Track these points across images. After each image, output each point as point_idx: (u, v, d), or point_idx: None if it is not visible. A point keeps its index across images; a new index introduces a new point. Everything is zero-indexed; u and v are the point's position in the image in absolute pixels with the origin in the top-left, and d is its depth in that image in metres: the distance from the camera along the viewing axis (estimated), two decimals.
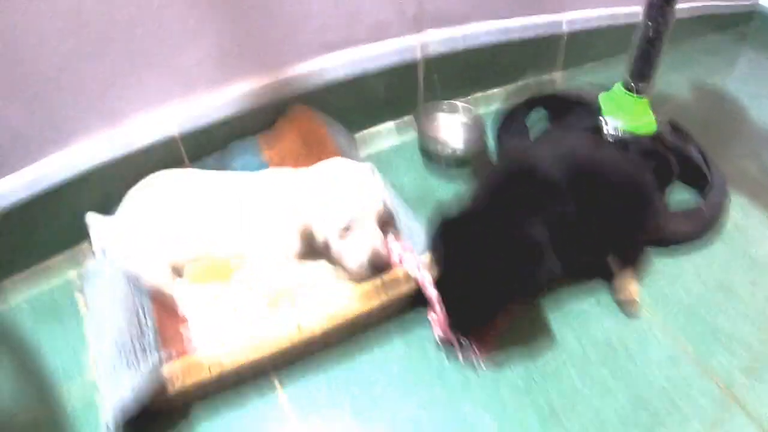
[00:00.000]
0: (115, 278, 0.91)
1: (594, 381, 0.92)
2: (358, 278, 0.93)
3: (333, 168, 0.95)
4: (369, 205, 0.92)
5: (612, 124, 1.29)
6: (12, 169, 1.00)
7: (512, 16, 1.54)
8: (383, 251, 0.92)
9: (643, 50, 1.24)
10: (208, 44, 1.11)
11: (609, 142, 1.23)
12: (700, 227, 1.22)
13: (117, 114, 1.07)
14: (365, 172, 0.95)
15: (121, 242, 0.95)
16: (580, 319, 1.02)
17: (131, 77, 1.05)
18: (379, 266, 0.91)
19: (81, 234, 1.03)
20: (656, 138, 1.29)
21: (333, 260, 0.96)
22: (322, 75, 1.27)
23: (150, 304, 0.92)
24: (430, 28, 1.39)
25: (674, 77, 1.89)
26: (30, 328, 0.98)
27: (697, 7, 2.12)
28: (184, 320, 0.93)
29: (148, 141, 1.10)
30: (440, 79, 1.47)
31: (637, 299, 1.04)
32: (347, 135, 1.22)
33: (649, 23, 1.21)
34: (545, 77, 1.73)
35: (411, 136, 1.42)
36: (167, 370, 0.79)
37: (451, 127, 1.41)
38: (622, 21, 1.76)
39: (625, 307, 1.03)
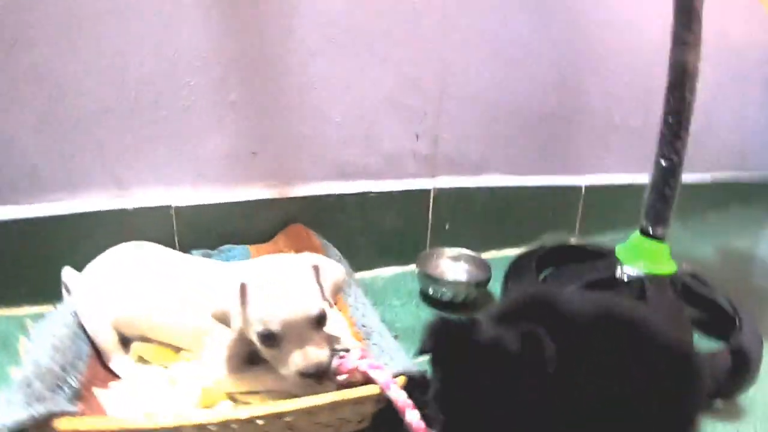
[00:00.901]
0: (65, 321, 0.90)
1: None
2: (299, 390, 0.82)
3: (276, 263, 0.86)
4: (305, 309, 0.81)
5: (630, 272, 1.25)
6: (16, 202, 1.07)
7: (530, 173, 1.58)
8: (322, 359, 0.80)
9: (659, 190, 1.23)
10: (227, 141, 1.18)
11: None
12: (728, 377, 1.05)
13: (125, 179, 1.14)
14: (307, 270, 0.85)
15: (80, 296, 0.94)
16: None
17: (148, 149, 1.13)
18: (317, 376, 0.80)
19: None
20: (674, 281, 1.23)
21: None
22: (329, 200, 1.30)
23: (89, 354, 0.89)
24: (444, 174, 1.44)
25: (697, 243, 1.85)
26: None
27: (719, 176, 2.15)
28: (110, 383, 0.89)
29: (148, 216, 1.15)
30: (451, 229, 1.48)
31: None
32: (342, 260, 1.17)
33: (662, 161, 1.21)
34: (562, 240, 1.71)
35: (413, 273, 1.36)
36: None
37: (455, 272, 1.37)
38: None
39: None
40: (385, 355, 0.90)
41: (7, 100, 1.02)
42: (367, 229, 1.36)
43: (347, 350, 0.86)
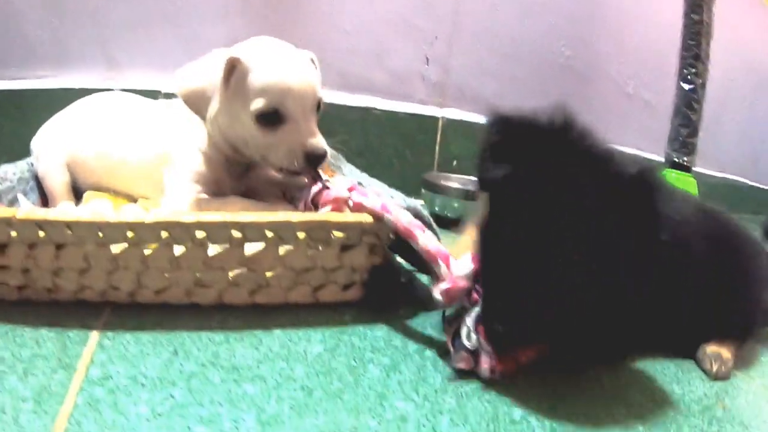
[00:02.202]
0: (17, 164, 0.85)
1: None
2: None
3: (272, 41, 0.74)
4: (314, 82, 0.71)
5: None
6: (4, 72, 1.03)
7: None
8: (326, 148, 0.70)
9: (683, 115, 1.18)
10: (229, 30, 1.12)
11: None
12: None
13: (117, 59, 1.09)
14: (306, 56, 0.74)
15: (37, 139, 0.87)
16: (653, 378, 0.64)
17: (146, 30, 1.09)
18: (314, 160, 0.69)
19: None
20: None
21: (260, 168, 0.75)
22: (331, 111, 1.17)
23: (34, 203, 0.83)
24: (455, 107, 1.36)
25: None
26: None
27: (731, 178, 2.09)
28: None
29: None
30: (459, 167, 1.37)
31: (729, 359, 0.69)
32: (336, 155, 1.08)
33: (684, 84, 1.17)
34: None
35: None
36: None
37: (465, 185, 1.20)
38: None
39: (712, 370, 0.67)
40: (386, 197, 0.77)
41: None
42: (368, 151, 1.26)
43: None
